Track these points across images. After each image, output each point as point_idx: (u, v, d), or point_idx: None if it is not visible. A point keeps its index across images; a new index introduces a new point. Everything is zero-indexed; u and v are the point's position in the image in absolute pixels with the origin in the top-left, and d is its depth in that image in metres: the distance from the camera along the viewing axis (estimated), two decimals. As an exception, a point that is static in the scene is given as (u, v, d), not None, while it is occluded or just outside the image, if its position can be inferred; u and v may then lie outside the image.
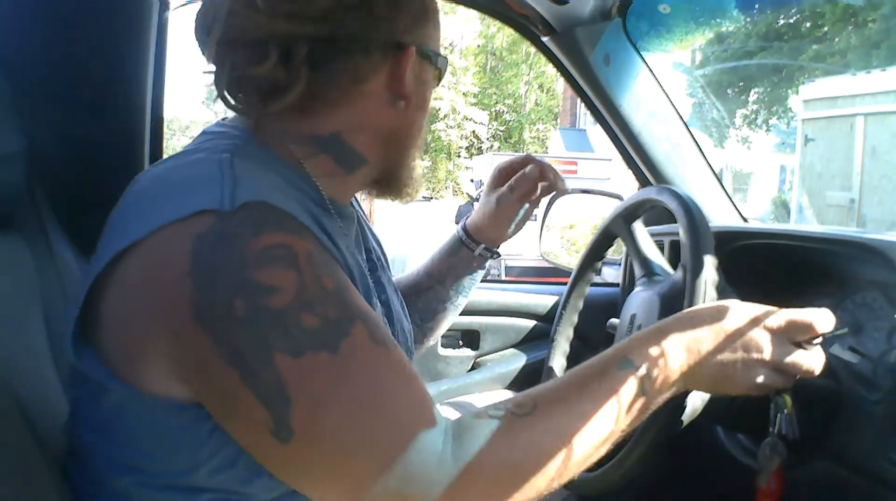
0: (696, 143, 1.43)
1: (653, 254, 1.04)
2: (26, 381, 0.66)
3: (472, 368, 1.48)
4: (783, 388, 0.71)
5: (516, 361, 1.47)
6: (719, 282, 0.84)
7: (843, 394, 0.91)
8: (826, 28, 13.31)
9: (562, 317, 1.16)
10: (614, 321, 1.12)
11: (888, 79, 7.67)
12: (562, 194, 1.34)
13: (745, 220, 1.46)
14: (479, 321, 1.47)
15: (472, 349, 1.48)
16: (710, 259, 0.83)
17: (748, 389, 0.69)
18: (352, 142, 0.69)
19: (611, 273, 1.58)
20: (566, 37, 1.33)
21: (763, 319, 0.69)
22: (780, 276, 1.13)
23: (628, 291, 1.09)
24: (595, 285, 1.26)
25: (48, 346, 0.72)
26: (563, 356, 1.15)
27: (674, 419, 0.82)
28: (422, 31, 0.69)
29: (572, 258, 1.60)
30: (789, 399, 0.84)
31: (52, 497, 0.60)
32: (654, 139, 1.40)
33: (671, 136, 1.40)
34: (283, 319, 0.53)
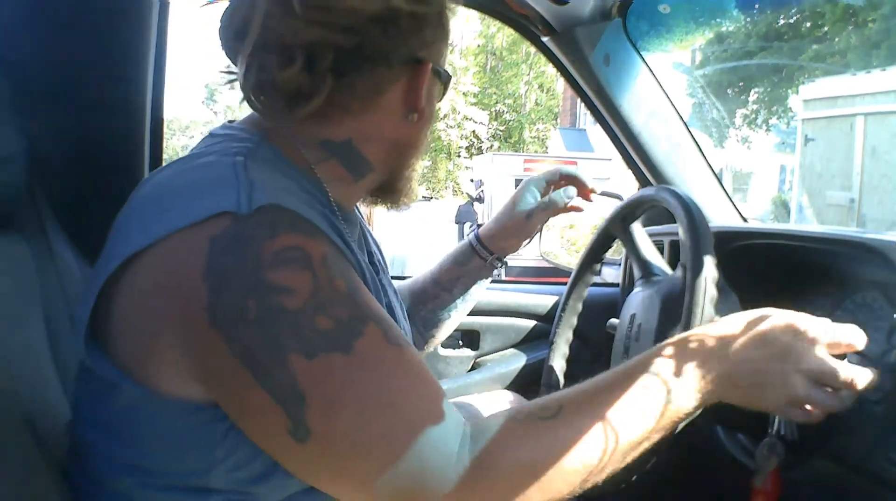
0: (696, 143, 1.43)
1: (651, 255, 1.04)
2: (26, 381, 0.66)
3: (472, 368, 1.48)
4: (826, 409, 0.64)
5: (516, 361, 1.47)
6: (719, 282, 0.84)
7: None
8: (826, 28, 13.30)
9: (561, 319, 1.16)
10: (614, 321, 1.12)
11: (888, 79, 7.67)
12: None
13: (745, 220, 1.46)
14: (479, 320, 1.47)
15: (472, 349, 1.48)
16: (710, 259, 0.83)
17: (788, 402, 0.64)
18: (362, 150, 0.70)
19: (611, 273, 1.58)
20: (566, 37, 1.33)
21: (803, 327, 0.66)
22: (780, 276, 1.13)
23: (628, 291, 1.09)
24: (595, 286, 1.26)
25: (48, 346, 0.72)
26: (562, 358, 1.15)
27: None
28: (437, 48, 0.71)
29: (572, 258, 1.60)
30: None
31: (51, 496, 0.60)
32: (654, 139, 1.40)
33: (671, 136, 1.40)
34: (297, 320, 0.54)
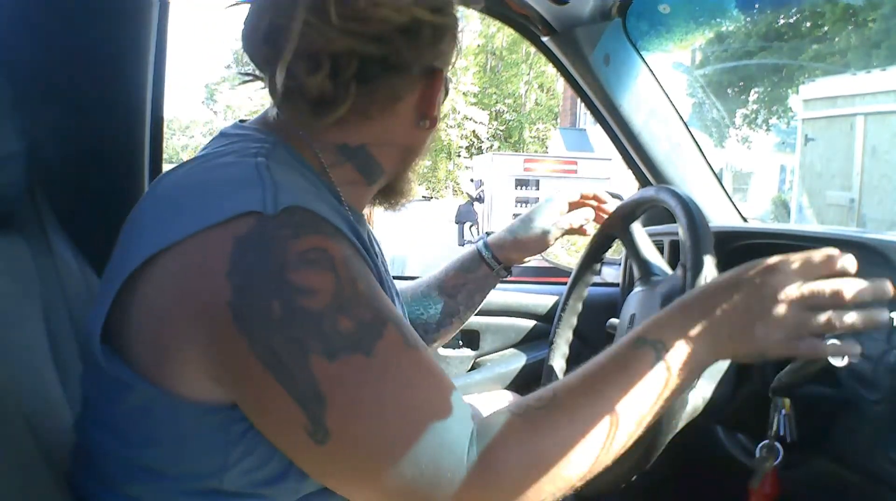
0: (696, 143, 1.43)
1: (651, 255, 1.04)
2: (26, 381, 0.66)
3: (472, 368, 1.48)
4: (831, 329, 0.62)
5: (516, 361, 1.47)
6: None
7: (843, 394, 0.91)
8: (826, 28, 13.30)
9: (561, 319, 1.16)
10: (614, 321, 1.12)
11: (888, 79, 7.67)
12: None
13: (745, 220, 1.46)
14: (479, 320, 1.47)
15: (472, 349, 1.48)
16: (710, 259, 0.83)
17: (787, 335, 0.63)
18: (376, 154, 0.72)
19: (611, 273, 1.58)
20: (566, 37, 1.33)
21: (773, 261, 0.65)
22: (779, 276, 1.13)
23: (628, 291, 1.09)
24: (595, 286, 1.26)
25: (48, 346, 0.72)
26: (562, 358, 1.15)
27: (673, 421, 0.82)
28: (449, 57, 0.73)
29: (572, 258, 1.60)
30: (788, 401, 0.85)
31: (52, 496, 0.60)
32: (654, 139, 1.40)
33: (671, 136, 1.40)
34: (320, 321, 0.54)
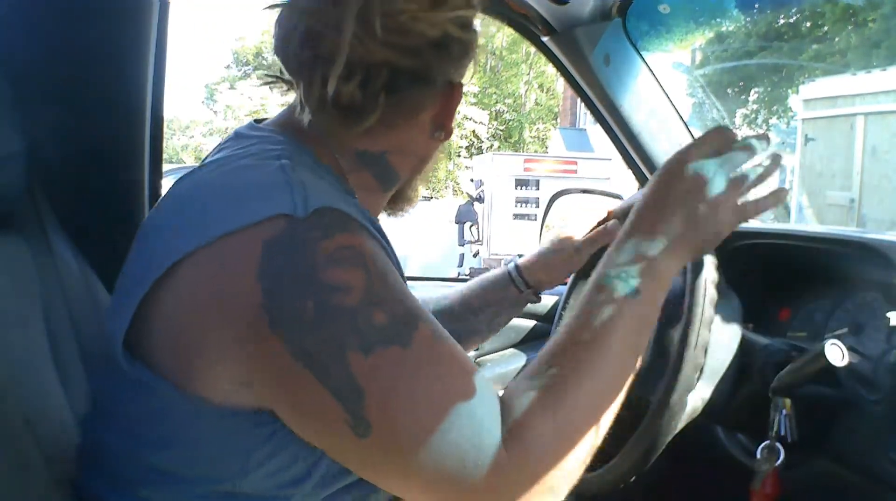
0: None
1: None
2: (26, 381, 0.66)
3: (472, 368, 1.48)
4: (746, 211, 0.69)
5: (516, 361, 1.47)
6: (719, 282, 0.84)
7: (843, 394, 0.91)
8: (826, 28, 13.31)
9: (561, 319, 1.16)
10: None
11: (888, 79, 7.66)
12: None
13: (745, 220, 1.46)
14: None
15: (473, 349, 1.48)
16: (710, 259, 0.83)
17: (724, 213, 0.67)
18: (393, 163, 0.73)
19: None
20: (566, 37, 1.33)
21: (681, 158, 0.69)
22: (780, 276, 1.13)
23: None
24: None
25: (48, 346, 0.72)
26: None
27: (672, 422, 0.82)
28: (468, 72, 0.75)
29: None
30: (788, 401, 0.85)
31: (52, 496, 0.60)
32: (654, 139, 1.40)
33: (671, 136, 1.40)
34: (355, 317, 0.55)
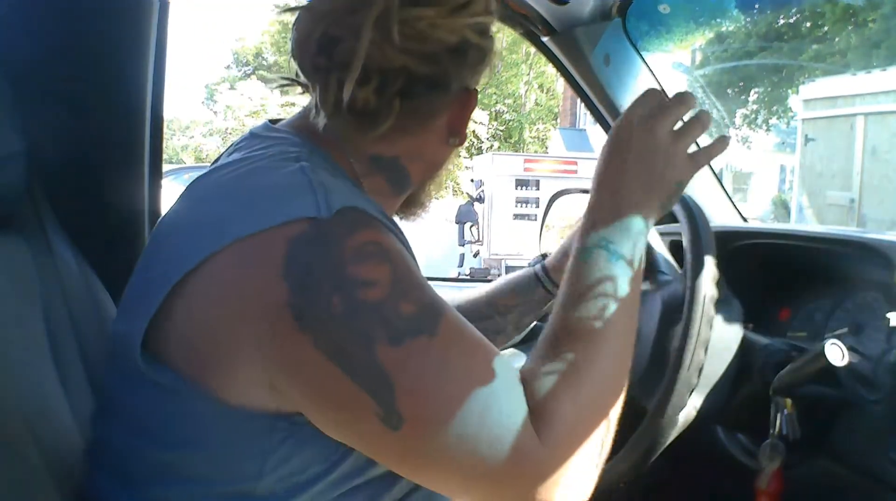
0: (696, 143, 1.42)
1: (656, 252, 1.04)
2: (26, 381, 0.66)
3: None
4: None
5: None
6: (720, 282, 0.84)
7: (843, 394, 0.91)
8: (826, 28, 13.30)
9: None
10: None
11: (888, 79, 7.67)
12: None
13: (745, 220, 1.46)
14: None
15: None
16: (711, 259, 0.83)
17: (679, 161, 0.73)
18: (407, 167, 0.73)
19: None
20: (566, 37, 1.33)
21: (624, 123, 0.71)
22: (780, 276, 1.13)
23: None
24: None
25: (48, 346, 0.72)
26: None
27: (672, 421, 0.82)
28: (482, 78, 0.75)
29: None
30: (789, 400, 0.85)
31: (52, 496, 0.60)
32: (654, 139, 1.39)
33: (671, 136, 1.40)
34: (382, 310, 0.55)
